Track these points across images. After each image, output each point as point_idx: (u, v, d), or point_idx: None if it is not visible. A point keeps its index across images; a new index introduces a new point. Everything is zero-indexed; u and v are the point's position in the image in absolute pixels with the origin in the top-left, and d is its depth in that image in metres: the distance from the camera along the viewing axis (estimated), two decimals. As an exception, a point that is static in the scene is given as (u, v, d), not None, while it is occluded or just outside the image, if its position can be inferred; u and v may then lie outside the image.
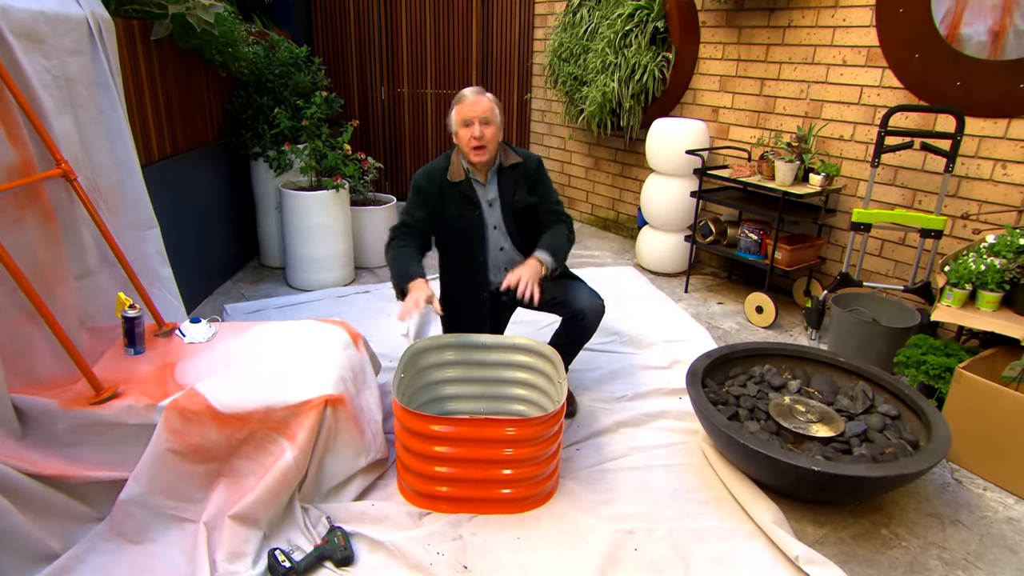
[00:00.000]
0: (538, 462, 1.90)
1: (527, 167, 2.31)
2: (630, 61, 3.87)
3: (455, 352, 2.27)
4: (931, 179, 2.98)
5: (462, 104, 2.18)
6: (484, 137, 2.16)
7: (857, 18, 3.11)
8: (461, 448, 1.86)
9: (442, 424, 1.84)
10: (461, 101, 2.18)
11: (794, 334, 3.25)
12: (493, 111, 2.19)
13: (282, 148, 3.64)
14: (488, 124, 2.17)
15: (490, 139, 2.18)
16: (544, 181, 2.36)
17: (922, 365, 2.40)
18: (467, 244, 2.30)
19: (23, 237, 1.83)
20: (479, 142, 2.16)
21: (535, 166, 2.34)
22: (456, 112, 2.19)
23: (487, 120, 2.16)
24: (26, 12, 1.86)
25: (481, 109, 2.15)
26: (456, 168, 2.25)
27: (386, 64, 5.28)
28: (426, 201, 2.26)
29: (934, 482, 2.17)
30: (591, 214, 5.10)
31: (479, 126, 2.15)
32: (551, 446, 1.92)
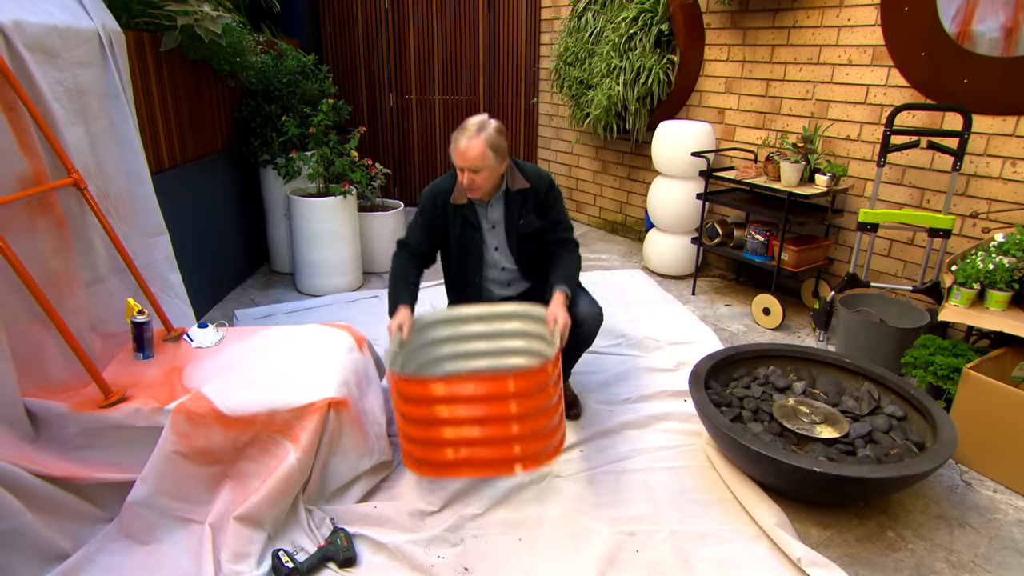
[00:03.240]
0: (544, 412, 1.80)
1: (536, 191, 2.26)
2: (635, 64, 3.88)
3: (447, 327, 2.23)
4: (939, 178, 2.95)
5: (455, 148, 2.11)
6: (474, 183, 2.13)
7: (862, 17, 3.10)
8: (465, 407, 1.74)
9: (442, 384, 1.74)
10: (455, 144, 2.11)
11: (802, 336, 3.23)
12: (485, 158, 2.08)
13: (290, 155, 3.69)
14: (478, 172, 2.10)
15: (481, 184, 2.13)
16: (554, 204, 2.30)
17: (930, 366, 2.38)
18: (465, 264, 2.33)
19: (35, 245, 1.88)
20: (469, 187, 2.15)
21: (545, 189, 2.27)
22: (452, 153, 2.14)
23: (476, 169, 2.09)
24: (39, 26, 1.92)
25: (470, 159, 2.08)
26: (460, 191, 2.24)
27: (394, 71, 5.34)
28: (428, 224, 2.28)
29: (942, 484, 2.15)
30: (599, 217, 5.10)
31: (468, 174, 2.11)
32: (554, 394, 1.83)
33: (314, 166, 3.60)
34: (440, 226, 2.29)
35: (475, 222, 2.28)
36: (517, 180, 2.25)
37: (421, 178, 5.64)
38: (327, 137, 3.65)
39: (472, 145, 2.07)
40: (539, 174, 2.29)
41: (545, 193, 2.27)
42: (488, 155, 2.09)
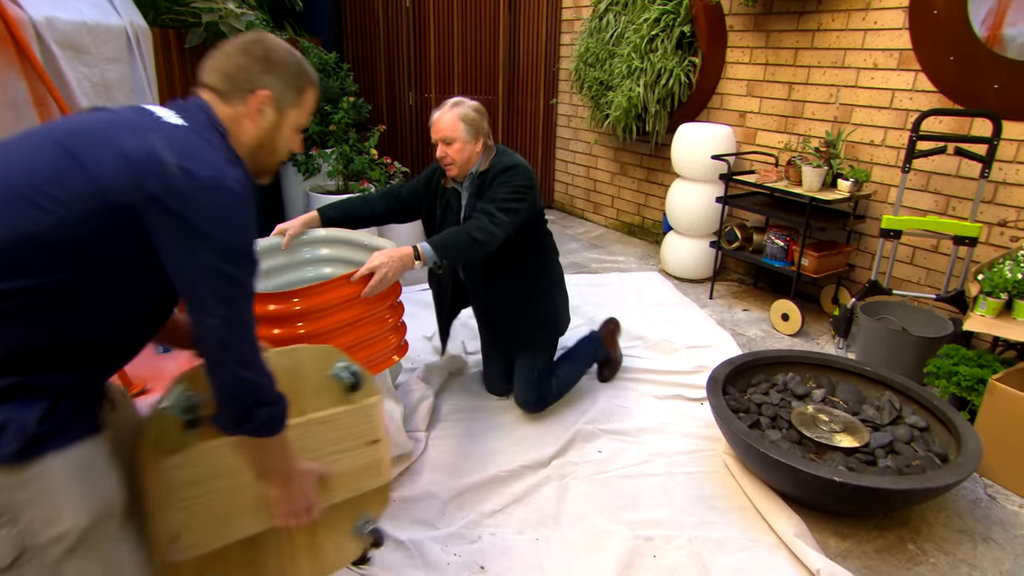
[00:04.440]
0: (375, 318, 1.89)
1: (489, 174, 2.17)
2: (656, 66, 3.85)
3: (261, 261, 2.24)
4: (966, 185, 2.90)
5: (431, 122, 2.14)
6: (447, 156, 2.12)
7: (889, 20, 3.05)
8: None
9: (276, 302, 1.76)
10: (431, 119, 2.13)
11: (821, 342, 3.19)
12: (456, 129, 2.08)
13: (310, 152, 3.71)
14: (450, 144, 2.10)
15: (454, 157, 2.12)
16: (495, 187, 2.13)
17: (953, 376, 2.34)
18: None
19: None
20: (442, 160, 2.15)
21: (496, 173, 2.15)
22: (430, 128, 2.16)
23: (448, 140, 2.09)
24: (70, 23, 1.95)
25: (441, 129, 2.09)
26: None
27: (414, 70, 5.35)
28: (417, 189, 2.33)
29: (965, 497, 2.11)
30: (616, 219, 5.08)
31: (441, 146, 2.11)
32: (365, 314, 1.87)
33: (334, 163, 3.62)
34: (428, 201, 2.31)
35: (455, 207, 2.27)
36: (483, 164, 2.19)
37: (438, 177, 5.65)
38: (347, 135, 3.67)
39: (444, 117, 2.09)
40: (501, 160, 2.17)
41: (494, 176, 2.15)
42: (460, 127, 2.08)
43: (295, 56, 1.14)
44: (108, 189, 0.90)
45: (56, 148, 0.93)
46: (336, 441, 1.34)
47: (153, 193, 0.91)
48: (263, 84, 1.09)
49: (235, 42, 1.10)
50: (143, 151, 0.92)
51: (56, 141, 0.94)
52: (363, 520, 1.43)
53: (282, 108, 1.12)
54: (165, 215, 0.92)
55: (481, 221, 2.04)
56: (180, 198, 0.91)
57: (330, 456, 1.33)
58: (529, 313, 2.34)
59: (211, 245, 0.93)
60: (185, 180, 0.92)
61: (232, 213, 0.95)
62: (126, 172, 0.91)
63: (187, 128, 0.99)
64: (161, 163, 0.92)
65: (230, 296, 0.97)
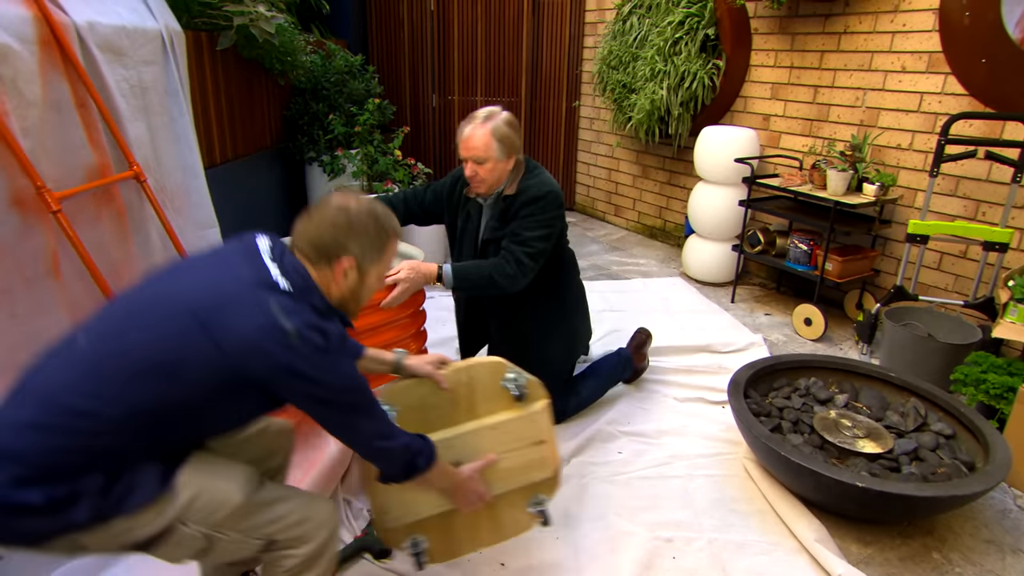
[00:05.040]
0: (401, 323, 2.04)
1: (516, 201, 2.08)
2: (679, 68, 3.85)
3: None
4: (996, 189, 2.86)
5: (460, 137, 2.03)
6: (477, 176, 2.04)
7: (918, 23, 3.02)
8: None
9: None
10: (460, 132, 2.04)
11: (844, 348, 3.16)
12: (489, 148, 1.98)
13: (336, 153, 3.77)
14: (482, 163, 2.01)
15: (484, 177, 2.04)
16: (522, 218, 2.06)
17: (982, 384, 2.30)
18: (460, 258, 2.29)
19: (99, 234, 1.96)
20: (471, 180, 2.07)
21: (523, 203, 2.06)
22: (457, 141, 2.06)
23: (480, 160, 2.00)
24: (109, 27, 2.01)
25: (472, 148, 1.99)
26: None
27: (438, 72, 5.40)
28: (439, 193, 2.28)
29: (993, 507, 2.08)
30: (638, 222, 5.07)
31: (472, 165, 2.02)
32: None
33: (358, 164, 3.67)
34: (450, 209, 2.26)
35: (475, 220, 2.22)
36: (512, 185, 2.10)
37: (460, 178, 5.70)
38: (372, 136, 3.72)
39: (476, 134, 1.98)
40: (529, 186, 2.07)
41: (521, 205, 2.06)
42: (493, 146, 1.98)
43: (377, 218, 1.25)
44: (240, 364, 1.07)
45: (191, 320, 1.08)
46: (506, 443, 1.60)
47: (280, 362, 1.08)
48: (347, 252, 1.22)
49: (324, 212, 1.22)
50: (268, 324, 1.08)
51: (191, 312, 1.08)
52: (535, 500, 1.68)
53: (364, 267, 1.25)
54: (290, 377, 1.10)
55: (507, 265, 2.01)
56: (303, 362, 1.09)
57: (501, 454, 1.59)
58: (549, 338, 2.30)
59: (330, 390, 1.14)
60: (304, 346, 1.09)
61: (341, 363, 1.17)
62: (256, 346, 1.07)
63: (293, 292, 1.15)
64: (284, 333, 1.08)
65: (355, 412, 1.21)
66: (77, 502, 1.02)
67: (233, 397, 1.14)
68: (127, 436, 1.06)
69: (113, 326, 1.13)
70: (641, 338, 2.73)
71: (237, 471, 1.21)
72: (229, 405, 1.17)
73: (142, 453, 1.09)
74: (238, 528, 1.18)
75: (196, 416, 1.14)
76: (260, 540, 1.21)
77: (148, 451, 1.10)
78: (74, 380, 1.06)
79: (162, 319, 1.09)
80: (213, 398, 1.11)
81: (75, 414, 1.03)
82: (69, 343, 1.14)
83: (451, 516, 1.60)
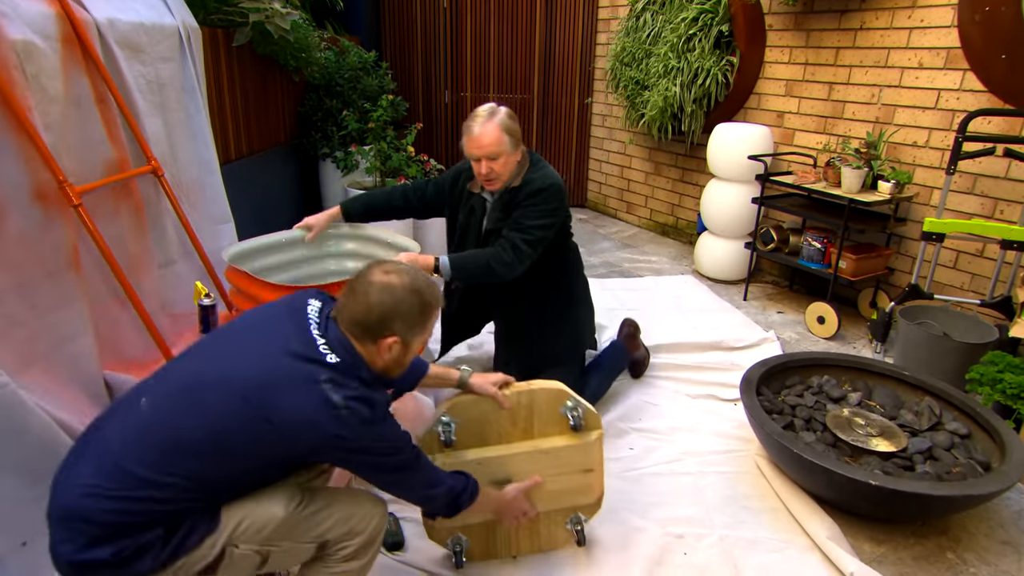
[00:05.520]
0: None
1: (520, 192, 2.08)
2: (693, 65, 3.83)
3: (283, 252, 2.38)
4: (1015, 187, 2.82)
5: (469, 137, 2.00)
6: (492, 172, 2.02)
7: (936, 18, 2.98)
8: None
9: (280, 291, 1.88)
10: (467, 132, 2.01)
11: (857, 346, 3.14)
12: (501, 142, 1.98)
13: (349, 149, 3.79)
14: (495, 159, 2.00)
15: (500, 172, 2.03)
16: (525, 208, 2.06)
17: (998, 383, 2.28)
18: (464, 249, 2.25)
19: (117, 228, 1.99)
20: (486, 177, 2.05)
21: (528, 193, 2.06)
22: (465, 144, 2.03)
23: (494, 156, 1.99)
24: (128, 24, 2.04)
25: (486, 145, 1.97)
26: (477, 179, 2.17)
27: (450, 69, 5.41)
28: (442, 187, 2.30)
29: (1009, 508, 2.06)
30: (650, 219, 5.06)
31: (486, 162, 2.00)
32: None
33: (372, 160, 3.69)
34: (452, 202, 2.26)
35: (479, 214, 2.20)
36: (517, 178, 2.10)
37: (472, 175, 5.71)
38: (385, 132, 3.74)
39: (487, 130, 1.97)
40: (533, 178, 2.08)
41: (525, 196, 2.07)
42: (504, 139, 1.98)
43: (421, 294, 1.28)
44: (292, 437, 1.15)
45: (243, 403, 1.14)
46: (556, 467, 1.68)
47: (328, 432, 1.15)
48: (392, 332, 1.26)
49: (368, 291, 1.25)
50: (319, 400, 1.14)
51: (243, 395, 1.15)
52: (575, 519, 1.76)
53: (408, 341, 1.29)
54: (338, 449, 1.19)
55: (504, 252, 2.01)
56: (350, 433, 1.16)
57: (550, 476, 1.67)
58: (554, 330, 2.29)
59: (376, 455, 1.23)
60: (351, 417, 1.15)
61: (386, 430, 1.23)
62: (306, 421, 1.14)
63: (340, 365, 1.20)
64: (333, 406, 1.14)
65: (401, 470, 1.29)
66: (142, 555, 1.11)
67: (285, 464, 1.25)
68: (184, 499, 1.14)
69: (171, 400, 1.19)
70: (629, 330, 2.74)
71: (278, 490, 1.27)
72: (280, 471, 1.27)
73: (198, 508, 1.17)
74: (288, 538, 1.26)
75: (248, 480, 1.23)
76: (312, 543, 1.29)
77: (204, 506, 1.18)
78: (136, 448, 1.14)
79: (216, 402, 1.16)
80: (265, 466, 1.22)
81: (137, 480, 1.11)
82: (130, 405, 1.21)
83: (493, 523, 1.70)
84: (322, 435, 1.15)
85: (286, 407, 1.14)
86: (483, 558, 1.76)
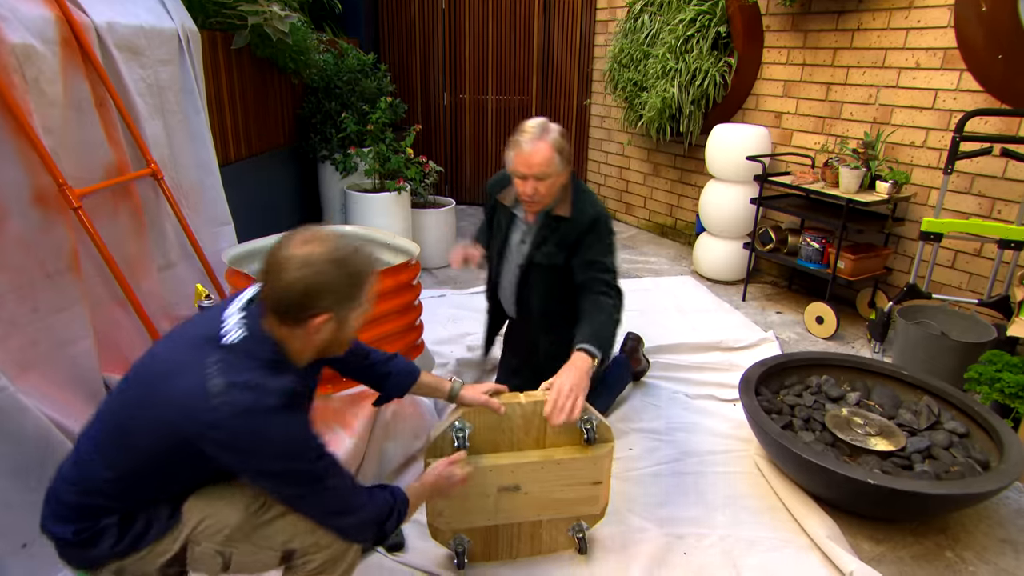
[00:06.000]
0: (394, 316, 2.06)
1: (574, 224, 1.97)
2: (691, 66, 3.84)
3: None
4: (1012, 187, 2.83)
5: (518, 153, 1.87)
6: (537, 194, 1.90)
7: (933, 19, 2.99)
8: None
9: None
10: (516, 149, 1.87)
11: (856, 346, 3.14)
12: (552, 162, 1.85)
13: (348, 151, 3.80)
14: (543, 179, 1.87)
15: (544, 194, 1.91)
16: (591, 245, 1.97)
17: (996, 382, 2.28)
18: (492, 261, 2.25)
19: (117, 230, 2.00)
20: (530, 198, 1.92)
21: (585, 225, 1.96)
22: (512, 159, 1.89)
23: (542, 176, 1.87)
24: (128, 28, 2.04)
25: (536, 165, 1.84)
26: (510, 192, 2.08)
27: (449, 71, 5.42)
28: (488, 217, 2.29)
29: (1008, 507, 2.06)
30: (648, 220, 5.07)
31: (532, 182, 1.88)
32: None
33: (371, 162, 3.69)
34: (491, 213, 2.26)
35: (505, 230, 2.13)
36: (563, 206, 1.98)
37: (472, 177, 5.71)
38: (384, 134, 3.74)
39: (538, 148, 1.83)
40: (585, 208, 1.98)
41: (583, 230, 1.96)
42: (555, 160, 1.86)
43: (345, 265, 1.13)
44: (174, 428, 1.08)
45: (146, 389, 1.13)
46: (565, 478, 1.68)
47: (203, 425, 1.05)
48: (320, 310, 1.12)
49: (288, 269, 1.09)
50: (193, 388, 1.05)
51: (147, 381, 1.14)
52: (577, 527, 1.78)
53: (342, 316, 1.17)
54: (216, 445, 1.07)
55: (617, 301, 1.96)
56: (226, 424, 1.05)
57: (558, 486, 1.68)
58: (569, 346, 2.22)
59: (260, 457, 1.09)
60: (225, 408, 1.04)
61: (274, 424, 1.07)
62: (181, 411, 1.07)
63: (237, 345, 1.11)
64: (207, 394, 1.04)
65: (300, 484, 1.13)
66: (98, 541, 1.15)
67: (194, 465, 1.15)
68: (125, 491, 1.15)
69: (119, 390, 1.20)
70: (632, 344, 2.73)
71: (239, 494, 1.23)
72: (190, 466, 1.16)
73: (147, 500, 1.18)
74: (248, 542, 1.22)
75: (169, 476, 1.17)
76: (276, 551, 1.24)
77: (152, 498, 1.18)
78: (95, 435, 1.17)
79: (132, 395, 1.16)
80: (174, 461, 1.13)
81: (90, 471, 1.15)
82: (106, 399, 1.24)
83: (496, 527, 1.72)
84: (195, 425, 1.05)
85: (169, 394, 1.07)
86: (484, 560, 1.76)
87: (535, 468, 1.64)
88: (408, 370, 1.59)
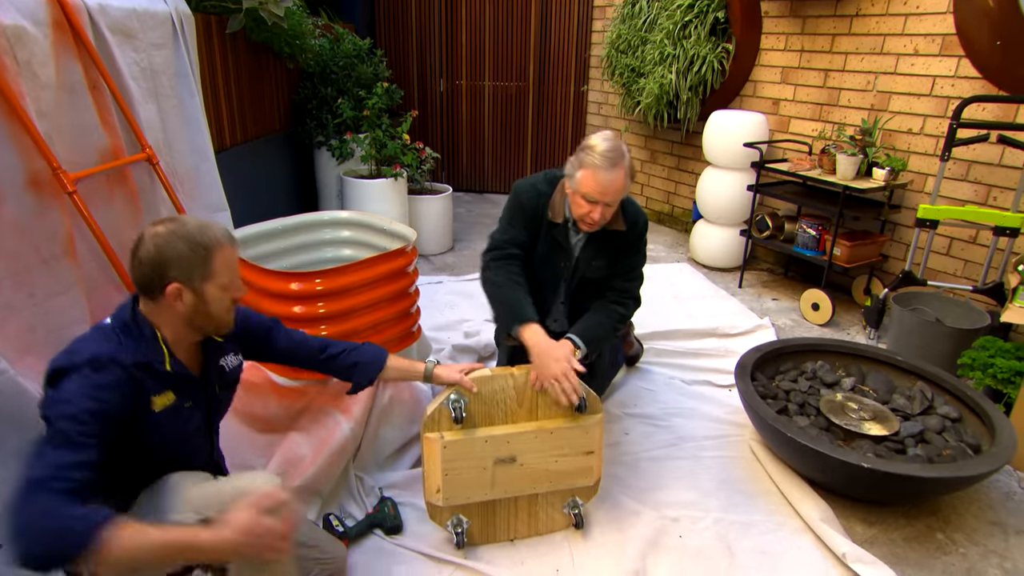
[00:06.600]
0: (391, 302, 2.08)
1: (626, 238, 1.94)
2: (689, 52, 3.82)
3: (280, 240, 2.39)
4: (1009, 174, 2.84)
5: (594, 177, 1.72)
6: (604, 219, 1.80)
7: (932, 5, 2.98)
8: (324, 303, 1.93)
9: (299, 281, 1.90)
10: (593, 170, 1.72)
11: (851, 333, 3.16)
12: (625, 189, 1.77)
13: (344, 137, 3.78)
14: (612, 205, 1.79)
15: (609, 217, 1.82)
16: (633, 253, 1.97)
17: (989, 368, 2.30)
18: (542, 287, 2.03)
19: (112, 216, 1.99)
20: (594, 222, 1.80)
21: (636, 236, 1.95)
22: (583, 179, 1.74)
23: (614, 203, 1.79)
24: (121, 10, 2.02)
25: (612, 192, 1.73)
26: (559, 208, 1.92)
27: (445, 56, 5.38)
28: (528, 221, 1.95)
29: (998, 489, 2.09)
30: (645, 207, 5.05)
31: (602, 208, 1.76)
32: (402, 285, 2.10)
33: (367, 148, 3.68)
34: (532, 233, 1.97)
35: (566, 246, 1.98)
36: (617, 219, 1.91)
37: (469, 163, 5.69)
38: (380, 120, 3.72)
39: (616, 177, 1.72)
40: (637, 219, 1.95)
41: (634, 240, 1.95)
42: (627, 186, 1.79)
43: (188, 236, 1.21)
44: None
45: None
46: (558, 447, 1.73)
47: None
48: (169, 280, 1.20)
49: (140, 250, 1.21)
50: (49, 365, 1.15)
51: None
52: (572, 503, 1.81)
53: (196, 286, 1.23)
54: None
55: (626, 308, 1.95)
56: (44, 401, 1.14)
57: (552, 456, 1.73)
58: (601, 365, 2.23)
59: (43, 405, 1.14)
60: (48, 371, 1.15)
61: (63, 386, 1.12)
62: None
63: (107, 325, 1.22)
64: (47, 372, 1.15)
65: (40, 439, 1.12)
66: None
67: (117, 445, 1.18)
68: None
69: None
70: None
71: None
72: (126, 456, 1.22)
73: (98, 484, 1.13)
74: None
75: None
76: None
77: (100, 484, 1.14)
78: None
79: None
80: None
81: None
82: None
83: (493, 505, 1.76)
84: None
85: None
86: (483, 540, 1.79)
87: (530, 438, 1.70)
88: (374, 357, 1.61)
